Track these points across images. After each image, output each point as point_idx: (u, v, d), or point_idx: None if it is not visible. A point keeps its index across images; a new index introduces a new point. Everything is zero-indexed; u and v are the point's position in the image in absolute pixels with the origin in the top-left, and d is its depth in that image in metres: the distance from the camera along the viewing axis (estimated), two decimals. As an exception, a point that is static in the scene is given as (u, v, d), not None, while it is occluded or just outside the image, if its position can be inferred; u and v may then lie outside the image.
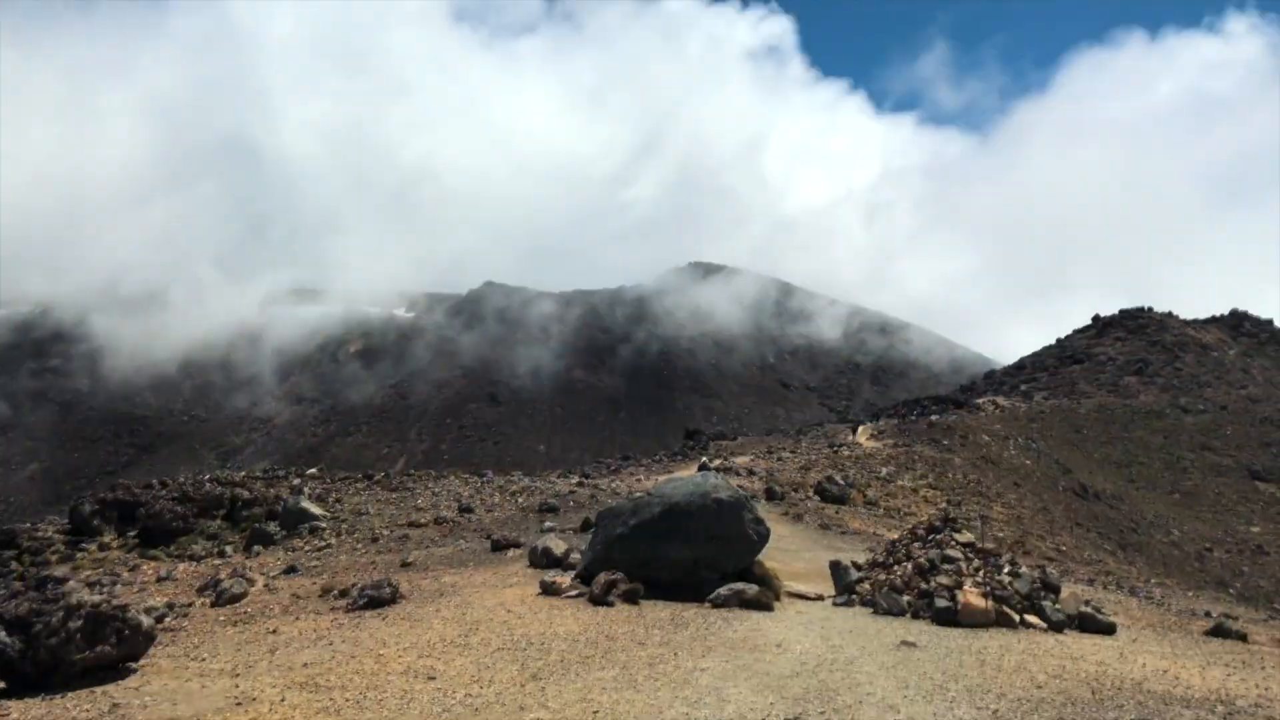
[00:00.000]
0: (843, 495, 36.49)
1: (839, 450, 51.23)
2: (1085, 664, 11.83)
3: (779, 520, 29.37)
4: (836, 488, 37.16)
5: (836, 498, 36.09)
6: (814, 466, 44.65)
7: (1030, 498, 47.89)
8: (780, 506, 32.52)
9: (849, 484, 39.10)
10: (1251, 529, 52.75)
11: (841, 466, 44.83)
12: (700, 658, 11.22)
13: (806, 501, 34.93)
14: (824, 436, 59.56)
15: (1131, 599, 22.30)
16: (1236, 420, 65.13)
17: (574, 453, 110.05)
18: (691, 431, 65.08)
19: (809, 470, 43.38)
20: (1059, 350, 77.47)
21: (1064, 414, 66.66)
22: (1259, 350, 76.18)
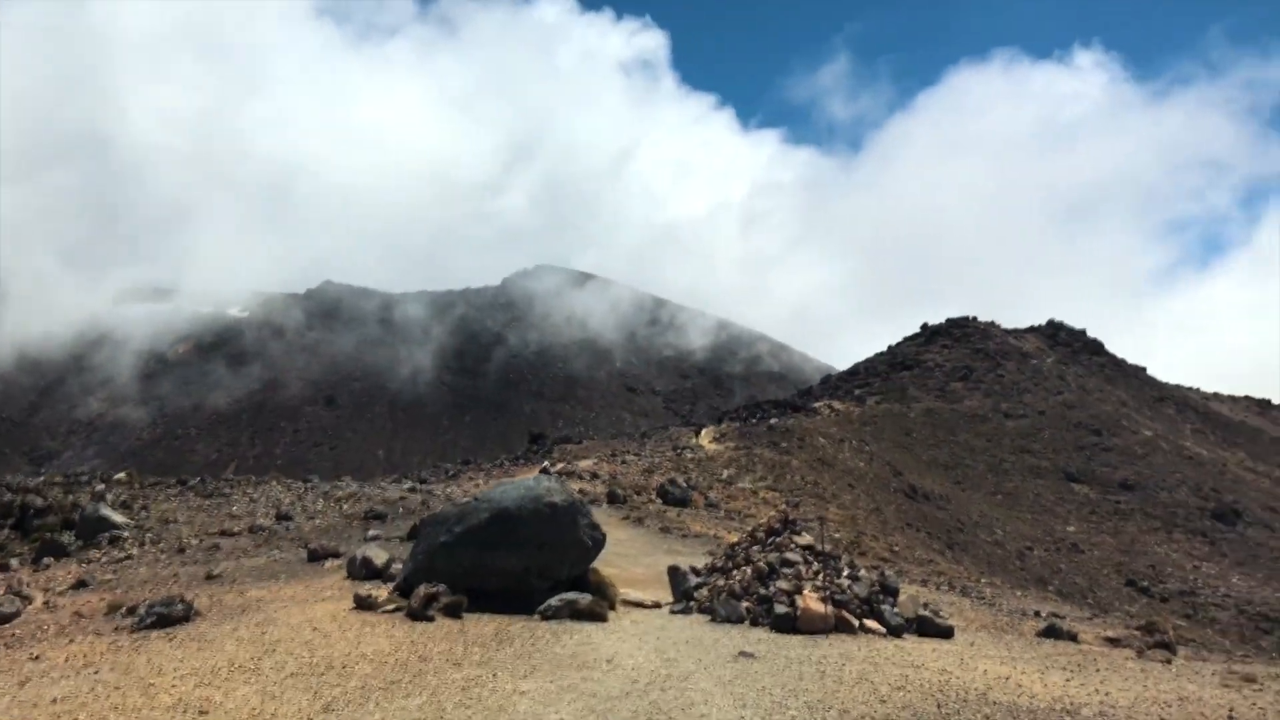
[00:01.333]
0: (684, 498, 35.85)
1: (682, 453, 50.76)
2: (927, 673, 11.16)
3: (620, 524, 28.43)
4: (679, 490, 36.51)
5: (679, 500, 35.43)
6: (657, 469, 43.99)
7: (864, 498, 48.32)
8: (622, 510, 31.62)
9: (691, 486, 38.52)
10: (1068, 528, 54.53)
11: (684, 469, 44.29)
12: (522, 679, 10.06)
13: (649, 505, 34.14)
14: (668, 440, 59.10)
15: (964, 599, 22.14)
16: (1053, 425, 67.50)
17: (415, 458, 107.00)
18: (536, 435, 63.81)
19: (652, 473, 42.68)
20: (890, 357, 79.11)
21: (895, 418, 67.93)
22: (1073, 358, 79.36)
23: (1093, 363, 79.75)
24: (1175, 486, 60.74)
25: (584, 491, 35.40)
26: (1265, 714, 9.90)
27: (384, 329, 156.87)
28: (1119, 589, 45.89)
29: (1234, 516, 57.56)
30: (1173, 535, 55.27)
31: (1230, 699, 10.66)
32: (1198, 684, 11.57)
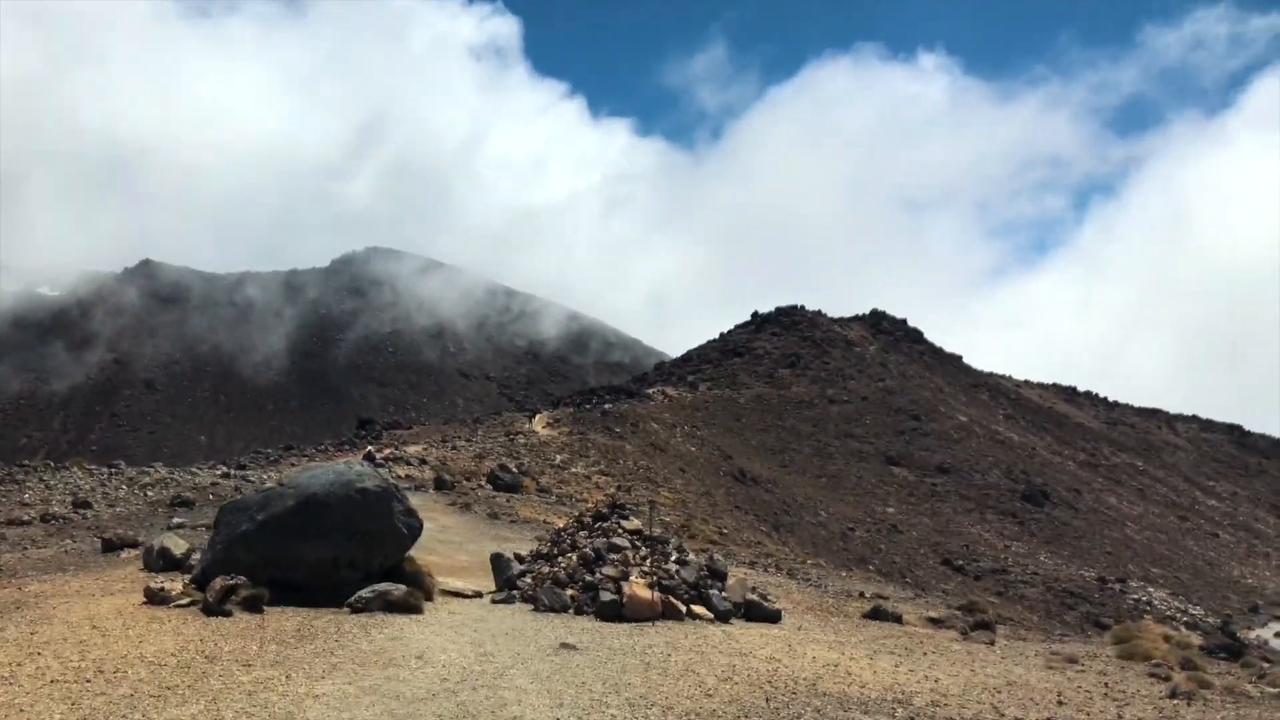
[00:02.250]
0: (515, 483, 34.95)
1: (515, 439, 49.78)
2: (756, 661, 10.66)
3: (446, 510, 27.35)
4: (509, 475, 35.58)
5: (509, 485, 34.52)
6: (489, 455, 42.91)
7: (695, 483, 48.40)
8: (449, 496, 30.50)
9: (523, 471, 37.65)
10: (888, 509, 55.99)
11: (516, 454, 43.36)
12: (319, 680, 9.04)
13: (478, 490, 33.12)
14: (501, 426, 57.98)
15: (791, 581, 22.01)
16: (875, 410, 69.33)
17: (239, 443, 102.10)
18: (364, 420, 61.70)
19: (483, 459, 41.59)
20: (722, 344, 79.85)
21: (726, 403, 68.54)
22: (895, 346, 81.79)
23: (913, 350, 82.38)
24: (988, 469, 63.19)
25: (410, 477, 34.10)
26: (1091, 697, 9.76)
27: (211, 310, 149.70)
28: (935, 568, 47.29)
29: (1042, 498, 60.24)
30: (985, 516, 57.43)
31: (1056, 681, 10.52)
32: (1024, 667, 11.45)
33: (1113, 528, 61.44)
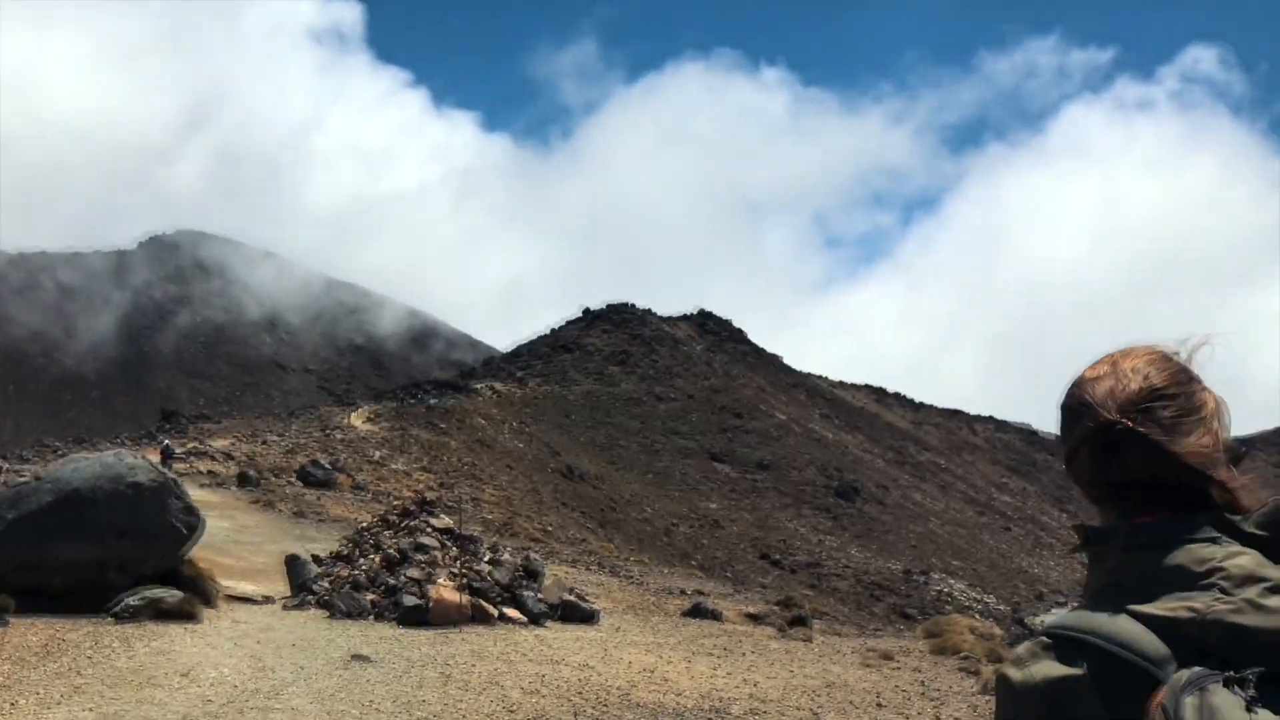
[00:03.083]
0: (328, 480, 33.05)
1: (331, 433, 47.48)
2: (567, 669, 9.70)
3: (248, 508, 25.40)
4: (322, 472, 33.63)
5: (321, 482, 32.59)
6: (302, 450, 40.66)
7: (521, 479, 47.21)
8: (254, 492, 28.47)
9: (337, 468, 35.71)
10: (711, 505, 56.07)
11: (332, 450, 41.22)
12: (52, 707, 7.59)
13: (286, 487, 31.10)
14: (317, 420, 55.34)
15: (614, 579, 21.21)
16: (700, 408, 69.55)
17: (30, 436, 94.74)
18: (169, 413, 57.98)
19: (295, 454, 39.35)
20: (552, 339, 78.79)
21: (555, 399, 67.50)
22: (720, 346, 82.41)
23: (737, 350, 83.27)
24: (804, 466, 64.17)
25: (213, 473, 31.81)
26: (909, 696, 9.21)
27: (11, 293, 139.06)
28: (754, 562, 47.44)
29: (853, 494, 61.51)
30: (801, 511, 58.21)
31: (874, 681, 9.96)
32: (841, 665, 10.88)
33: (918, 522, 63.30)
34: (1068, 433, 1.32)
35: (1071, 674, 1.12)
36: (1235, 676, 1.04)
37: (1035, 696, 1.14)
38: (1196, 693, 1.03)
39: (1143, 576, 1.17)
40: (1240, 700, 1.02)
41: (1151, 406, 1.27)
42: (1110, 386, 1.29)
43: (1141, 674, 1.09)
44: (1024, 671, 1.16)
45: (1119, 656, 1.11)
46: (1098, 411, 1.28)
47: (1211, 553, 1.15)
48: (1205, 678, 1.05)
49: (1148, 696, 1.07)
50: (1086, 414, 1.29)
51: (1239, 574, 1.13)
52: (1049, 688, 1.13)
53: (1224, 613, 1.10)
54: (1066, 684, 1.12)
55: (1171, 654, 1.10)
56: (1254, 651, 1.08)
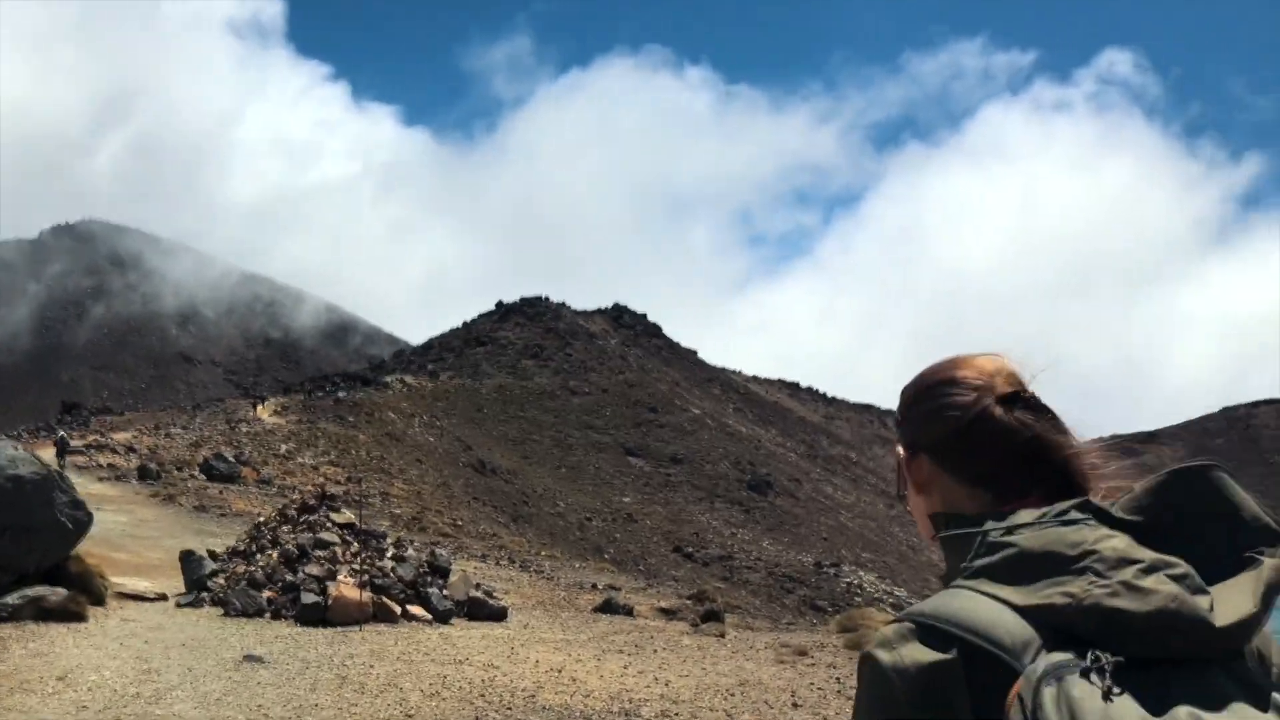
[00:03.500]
0: (232, 473, 31.97)
1: (237, 426, 46.13)
2: (471, 670, 9.28)
3: (146, 502, 24.40)
4: (226, 465, 32.52)
5: (225, 476, 31.51)
6: (206, 443, 39.39)
7: (432, 473, 46.43)
8: (154, 486, 27.40)
9: (242, 461, 34.59)
10: (624, 499, 55.88)
11: (238, 443, 39.99)
12: (-98, 720, 6.95)
13: (189, 481, 30.02)
14: (223, 413, 53.77)
15: (524, 574, 20.77)
16: (615, 403, 69.32)
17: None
18: (70, 405, 55.85)
19: (200, 447, 38.08)
20: (465, 332, 77.86)
21: (468, 393, 66.66)
22: (635, 341, 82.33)
23: (652, 345, 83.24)
24: (718, 460, 64.36)
25: (113, 466, 30.58)
26: (825, 695, 8.99)
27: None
28: (667, 555, 47.36)
29: (766, 487, 61.87)
30: (715, 505, 58.36)
31: (789, 678, 9.73)
32: (755, 662, 10.63)
33: (829, 515, 63.97)
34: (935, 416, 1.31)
35: (942, 659, 1.08)
36: (1092, 665, 1.01)
37: (908, 680, 1.09)
38: (1054, 683, 1.01)
39: (1015, 562, 1.13)
40: (1098, 689, 1.00)
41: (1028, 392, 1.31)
42: (993, 368, 1.31)
43: (1004, 663, 1.06)
44: (894, 654, 1.11)
45: (979, 647, 1.07)
46: (994, 386, 1.29)
47: (1084, 536, 1.13)
48: (1062, 667, 1.02)
49: (1009, 686, 1.04)
50: (982, 392, 1.29)
51: (1113, 557, 1.10)
52: (921, 673, 1.08)
53: (1101, 597, 1.07)
54: (938, 670, 1.08)
55: (1031, 641, 1.07)
56: (1129, 635, 1.05)
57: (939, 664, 1.08)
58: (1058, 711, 0.99)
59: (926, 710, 1.08)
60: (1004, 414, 1.27)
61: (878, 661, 1.11)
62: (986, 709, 1.06)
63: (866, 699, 1.14)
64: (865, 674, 1.14)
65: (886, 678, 1.10)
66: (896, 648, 1.11)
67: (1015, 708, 1.02)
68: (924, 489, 1.34)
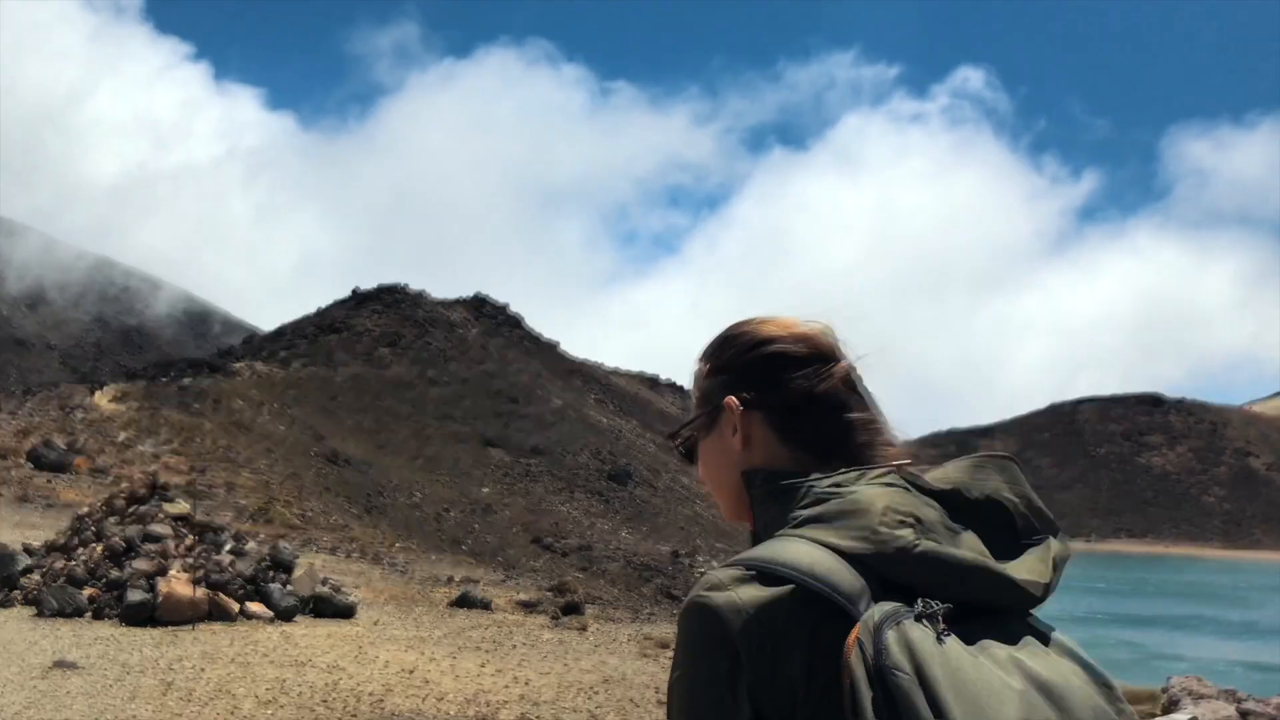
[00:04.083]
0: (63, 462, 29.87)
1: (72, 413, 43.26)
2: (313, 672, 8.50)
3: (-40, 494, 22.50)
4: (56, 453, 30.38)
5: (55, 465, 29.41)
6: (36, 430, 36.74)
7: (281, 464, 44.55)
8: (-28, 477, 25.32)
9: (75, 449, 32.39)
10: (483, 490, 54.89)
11: (71, 431, 37.45)
12: None
13: (13, 470, 27.89)
14: (56, 398, 50.44)
15: (376, 568, 19.82)
16: (475, 393, 68.06)
17: None
18: (-120, 389, 51.57)
19: (28, 435, 35.47)
20: (319, 319, 75.08)
21: (320, 382, 64.43)
22: (496, 330, 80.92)
23: (513, 335, 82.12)
24: (579, 451, 63.89)
25: (-75, 455, 28.12)
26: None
27: None
28: (526, 546, 46.69)
29: (625, 477, 61.76)
30: (574, 495, 57.90)
31: (652, 673, 9.29)
32: (618, 656, 10.16)
33: (685, 505, 64.29)
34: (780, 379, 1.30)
35: (780, 596, 1.08)
36: (925, 611, 1.07)
37: (745, 618, 1.07)
38: (895, 627, 1.05)
39: (845, 511, 1.15)
40: (931, 633, 1.05)
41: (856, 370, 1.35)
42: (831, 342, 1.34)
43: (840, 608, 1.07)
44: (728, 594, 1.09)
45: (818, 590, 1.08)
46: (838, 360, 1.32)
47: (906, 498, 1.16)
48: (899, 613, 1.07)
49: (845, 631, 1.06)
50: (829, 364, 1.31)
51: (932, 517, 1.15)
52: (759, 611, 1.07)
53: (930, 546, 1.12)
54: (777, 607, 1.07)
55: (864, 589, 1.09)
56: (950, 583, 1.11)
57: (778, 600, 1.06)
58: (902, 654, 1.02)
59: (762, 651, 1.06)
60: (844, 389, 1.30)
61: (709, 603, 1.08)
62: (818, 654, 1.06)
63: (695, 645, 1.09)
64: (693, 618, 1.09)
65: (721, 617, 1.07)
66: (730, 589, 1.08)
67: (855, 652, 1.03)
68: (746, 443, 1.29)
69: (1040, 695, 1.08)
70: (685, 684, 1.11)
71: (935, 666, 1.03)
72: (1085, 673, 1.13)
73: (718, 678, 1.08)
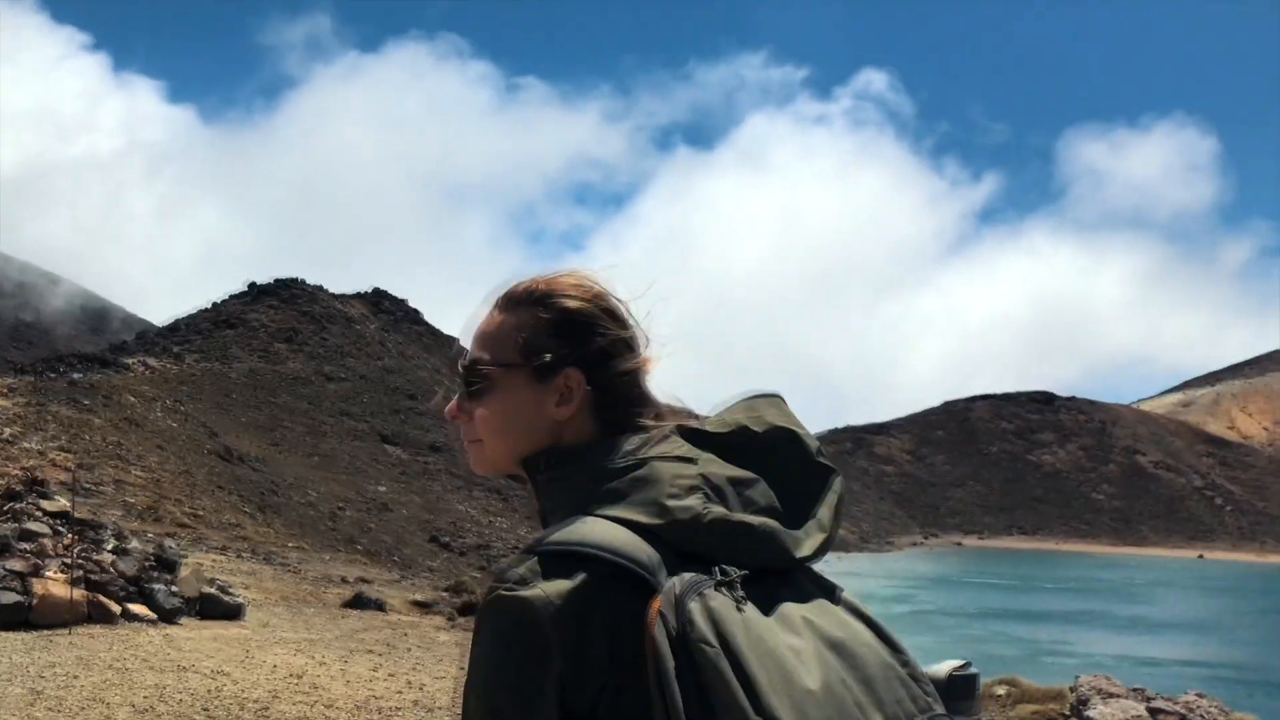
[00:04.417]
0: (-65, 458, 28.25)
1: (-52, 407, 41.08)
2: (195, 678, 8.07)
3: None
4: (-72, 449, 28.73)
5: (-73, 461, 27.81)
6: (-92, 425, 34.76)
7: (174, 460, 42.98)
8: None
9: (-50, 445, 30.67)
10: (379, 488, 53.86)
11: (-53, 425, 35.54)
12: None
13: (-119, 466, 26.24)
14: (-67, 392, 47.86)
15: (267, 567, 19.16)
16: (372, 389, 66.79)
17: None
18: None
19: (-101, 430, 33.52)
20: (215, 314, 72.86)
21: (215, 377, 62.49)
22: (395, 326, 79.58)
23: (412, 331, 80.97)
24: (477, 449, 63.31)
25: None
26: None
27: None
28: (423, 545, 46.03)
29: (524, 476, 61.39)
30: (473, 493, 57.23)
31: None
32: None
33: (585, 504, 64.18)
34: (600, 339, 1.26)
35: (585, 577, 1.06)
36: (723, 580, 1.08)
37: (554, 610, 1.04)
38: (697, 598, 1.06)
39: (637, 486, 1.14)
40: (731, 602, 1.06)
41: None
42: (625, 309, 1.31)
43: (640, 582, 1.07)
44: (533, 587, 1.05)
45: (619, 566, 1.07)
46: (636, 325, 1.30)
47: (689, 464, 1.16)
48: (699, 584, 1.07)
49: (645, 603, 1.05)
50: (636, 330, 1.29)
51: (719, 478, 1.15)
52: (567, 598, 1.05)
53: (720, 514, 1.12)
54: (584, 590, 1.05)
55: (661, 562, 1.09)
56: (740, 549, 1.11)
57: (584, 584, 1.05)
58: (706, 625, 1.02)
59: (571, 639, 1.04)
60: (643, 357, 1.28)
61: (516, 596, 1.04)
62: (621, 631, 1.05)
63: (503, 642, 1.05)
64: (500, 614, 1.05)
65: (530, 609, 1.03)
66: (533, 581, 1.05)
67: (658, 624, 1.03)
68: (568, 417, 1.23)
69: (834, 655, 1.09)
70: (494, 684, 1.05)
71: (739, 636, 1.04)
72: (872, 631, 1.14)
73: (532, 674, 1.04)
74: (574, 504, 1.15)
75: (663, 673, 1.02)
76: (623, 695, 1.06)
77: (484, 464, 1.31)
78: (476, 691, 1.07)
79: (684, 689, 1.01)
